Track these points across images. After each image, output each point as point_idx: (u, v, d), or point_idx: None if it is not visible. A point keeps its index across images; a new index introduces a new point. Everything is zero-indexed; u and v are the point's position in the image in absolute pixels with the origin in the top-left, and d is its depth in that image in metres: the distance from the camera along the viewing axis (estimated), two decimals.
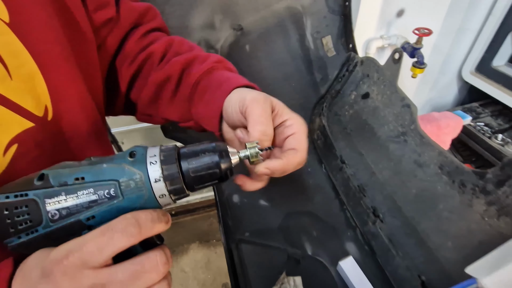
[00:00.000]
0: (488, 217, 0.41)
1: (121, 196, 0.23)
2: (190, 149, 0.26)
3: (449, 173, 0.46)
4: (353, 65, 0.66)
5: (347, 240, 0.51)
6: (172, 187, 0.24)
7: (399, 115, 0.55)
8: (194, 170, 0.25)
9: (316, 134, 0.67)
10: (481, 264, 0.30)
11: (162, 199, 0.24)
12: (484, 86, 0.93)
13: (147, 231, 0.23)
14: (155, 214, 0.24)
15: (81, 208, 0.23)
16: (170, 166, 0.24)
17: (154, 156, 0.24)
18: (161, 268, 0.23)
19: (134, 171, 0.24)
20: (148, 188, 0.24)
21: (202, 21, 0.68)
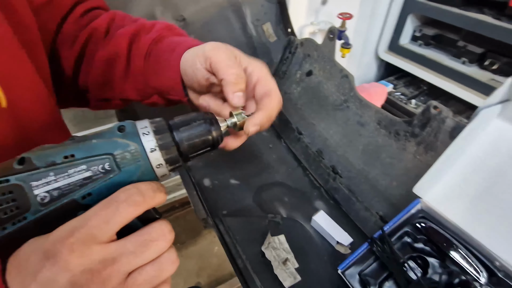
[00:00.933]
0: (419, 154, 0.51)
1: (118, 170, 0.23)
2: (180, 119, 0.27)
3: (385, 126, 0.55)
4: (294, 47, 0.73)
5: (315, 199, 0.56)
6: (168, 156, 0.24)
7: (340, 85, 0.63)
8: (187, 138, 0.26)
9: None
10: (423, 182, 0.38)
11: (159, 169, 0.24)
12: (396, 61, 1.11)
13: (149, 200, 0.23)
14: (154, 184, 0.24)
15: (75, 187, 0.22)
16: (164, 135, 0.24)
17: (146, 127, 0.24)
18: (168, 236, 0.23)
19: (128, 143, 0.23)
20: (145, 158, 0.23)
21: (142, 13, 0.66)
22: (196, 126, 0.26)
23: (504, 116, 0.35)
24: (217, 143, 0.28)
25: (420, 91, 1.15)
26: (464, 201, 0.37)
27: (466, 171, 0.37)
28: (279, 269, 0.40)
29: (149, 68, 0.37)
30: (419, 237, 0.40)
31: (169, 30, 0.39)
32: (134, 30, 0.38)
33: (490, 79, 0.90)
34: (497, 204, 0.34)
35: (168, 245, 0.24)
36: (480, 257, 0.35)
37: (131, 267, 0.21)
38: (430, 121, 0.48)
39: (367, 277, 0.40)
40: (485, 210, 0.35)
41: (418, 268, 0.41)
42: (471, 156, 0.37)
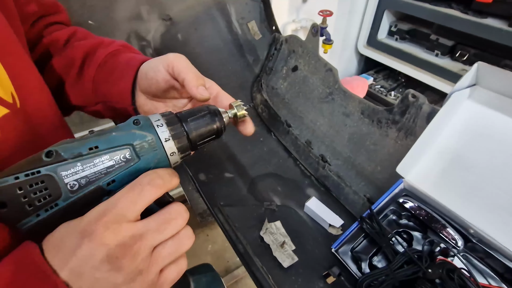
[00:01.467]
0: (400, 140, 0.55)
1: (137, 158, 0.25)
2: (187, 111, 0.29)
3: (368, 115, 0.59)
4: (279, 44, 0.76)
5: (306, 188, 0.59)
6: (180, 145, 0.27)
7: (325, 79, 0.66)
8: (195, 128, 0.28)
9: (260, 108, 0.74)
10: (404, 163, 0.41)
11: (173, 156, 0.27)
12: (374, 55, 1.16)
13: (168, 183, 0.25)
14: (169, 170, 0.27)
15: (100, 175, 0.24)
16: (175, 126, 0.27)
17: (159, 120, 0.27)
18: (184, 215, 0.26)
19: (145, 134, 0.26)
20: (160, 147, 0.26)
21: (128, 13, 0.66)
22: (202, 117, 0.29)
23: (473, 98, 0.39)
24: (221, 132, 0.31)
25: (398, 83, 1.21)
26: (441, 178, 0.41)
27: (441, 150, 0.41)
28: (277, 251, 0.42)
29: (101, 76, 0.39)
30: (403, 213, 0.44)
31: (127, 47, 0.42)
32: (93, 44, 0.40)
33: (461, 69, 0.97)
34: (470, 178, 0.38)
35: (184, 222, 0.26)
36: (457, 227, 0.39)
37: (156, 241, 0.24)
38: (409, 108, 0.52)
39: (359, 253, 0.43)
40: (459, 184, 0.39)
41: (404, 242, 0.45)
42: (445, 136, 0.41)
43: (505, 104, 0.35)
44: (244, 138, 0.69)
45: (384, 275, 0.39)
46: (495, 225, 0.36)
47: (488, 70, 0.34)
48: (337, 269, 0.42)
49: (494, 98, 0.36)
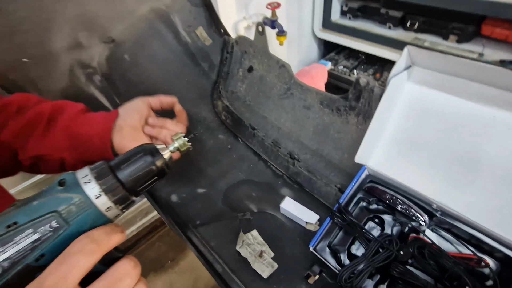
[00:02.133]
0: (360, 124, 0.55)
1: (67, 224, 0.23)
2: (120, 158, 0.27)
3: (327, 105, 0.59)
4: (230, 47, 0.74)
5: (280, 188, 0.60)
6: (116, 197, 0.25)
7: (280, 76, 0.66)
8: (130, 174, 0.26)
9: (223, 115, 0.73)
10: (361, 152, 0.42)
11: (110, 211, 0.25)
12: (331, 37, 1.17)
13: (105, 244, 0.23)
14: (107, 228, 0.24)
15: (25, 252, 0.22)
16: (106, 179, 0.25)
17: (86, 176, 0.24)
18: (133, 272, 0.24)
19: (71, 196, 0.23)
20: (92, 206, 0.24)
21: (66, 43, 0.63)
22: (137, 160, 0.27)
23: (412, 79, 0.39)
24: (163, 170, 0.28)
25: (359, 61, 1.23)
26: (398, 160, 0.41)
27: (394, 134, 0.42)
28: (256, 262, 0.42)
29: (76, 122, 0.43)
30: (371, 199, 0.45)
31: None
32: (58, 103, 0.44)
33: (414, 38, 0.99)
34: (423, 156, 0.39)
35: (134, 280, 0.24)
36: (421, 204, 0.40)
37: None
38: (362, 93, 0.52)
39: (336, 246, 0.44)
40: (415, 163, 0.40)
41: (377, 226, 0.46)
42: (394, 120, 0.42)
43: (442, 81, 0.36)
44: (212, 148, 0.68)
45: (361, 264, 0.39)
46: (452, 196, 0.37)
47: (418, 52, 0.34)
48: (318, 267, 0.43)
49: (431, 76, 0.37)
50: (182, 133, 0.33)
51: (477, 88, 0.33)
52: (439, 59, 0.32)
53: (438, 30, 0.95)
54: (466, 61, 0.30)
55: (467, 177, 0.36)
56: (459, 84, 0.34)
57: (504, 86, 0.30)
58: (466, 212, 0.36)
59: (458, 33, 0.90)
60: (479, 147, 0.34)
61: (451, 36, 0.92)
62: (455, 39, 0.91)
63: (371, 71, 1.17)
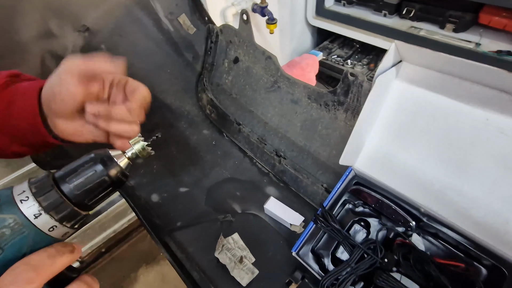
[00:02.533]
0: (348, 120, 0.53)
1: (0, 250, 0.20)
2: (67, 168, 0.24)
3: (315, 100, 0.56)
4: (215, 36, 0.70)
5: (265, 186, 0.57)
6: (60, 215, 0.22)
7: (266, 68, 0.62)
8: (79, 189, 0.23)
9: (208, 109, 0.69)
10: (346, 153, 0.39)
11: (54, 231, 0.22)
12: (325, 25, 1.12)
13: (46, 269, 0.21)
14: (52, 250, 0.22)
15: None
16: (47, 195, 0.22)
17: (23, 192, 0.22)
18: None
19: (4, 217, 0.20)
20: (30, 227, 0.21)
21: (35, 32, 0.58)
22: (86, 170, 0.24)
23: (401, 76, 0.36)
24: (119, 180, 0.25)
25: (353, 50, 1.19)
26: (385, 161, 0.39)
27: (381, 134, 0.39)
28: (235, 269, 0.40)
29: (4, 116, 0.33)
30: (356, 202, 0.43)
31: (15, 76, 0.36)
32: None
33: (409, 26, 0.95)
34: (411, 158, 0.37)
35: None
36: (408, 208, 0.38)
37: None
38: (351, 88, 0.49)
39: (320, 250, 0.42)
40: (403, 165, 0.38)
41: (363, 229, 0.44)
42: (382, 119, 0.39)
43: (432, 79, 0.33)
44: (196, 144, 0.65)
45: (345, 271, 0.38)
46: (441, 202, 0.35)
47: (407, 49, 0.31)
48: (300, 273, 0.41)
49: (420, 74, 0.34)
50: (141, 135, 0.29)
51: (470, 88, 0.30)
52: (429, 56, 0.29)
53: (435, 18, 0.91)
54: (458, 59, 0.27)
55: (457, 183, 0.34)
56: (451, 84, 0.31)
57: (498, 86, 0.28)
58: (455, 219, 0.34)
59: (455, 22, 0.86)
60: (470, 151, 0.32)
61: (447, 25, 0.88)
62: (451, 28, 0.88)
63: (366, 61, 1.13)
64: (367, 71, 1.09)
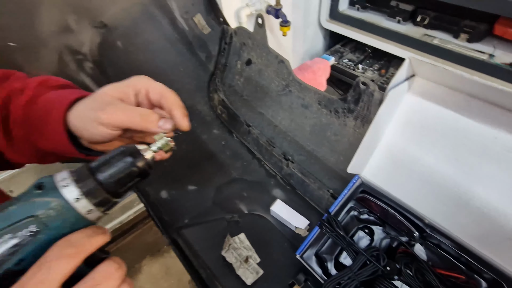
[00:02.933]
0: (358, 128, 0.53)
1: (46, 228, 0.23)
2: (100, 160, 0.26)
3: (326, 106, 0.57)
4: (229, 37, 0.71)
5: (272, 188, 0.58)
6: (97, 200, 0.25)
7: (279, 71, 0.63)
8: (110, 176, 0.26)
9: (219, 109, 0.71)
10: (355, 162, 0.40)
11: (91, 214, 0.25)
12: (338, 29, 1.12)
13: (85, 247, 0.23)
14: (89, 230, 0.24)
15: (4, 257, 0.21)
16: (86, 182, 0.24)
17: (65, 179, 0.24)
18: (116, 274, 0.24)
19: (49, 200, 0.23)
20: (71, 210, 0.24)
21: (53, 27, 0.60)
22: (117, 162, 0.26)
23: (413, 90, 0.37)
24: (145, 171, 0.28)
25: (365, 55, 1.18)
26: (392, 172, 0.40)
27: (389, 146, 0.40)
28: (241, 268, 0.42)
29: (32, 133, 0.34)
30: (361, 210, 0.44)
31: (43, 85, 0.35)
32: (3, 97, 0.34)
33: (423, 34, 0.95)
34: (417, 170, 0.38)
35: (117, 282, 0.24)
36: (412, 218, 0.39)
37: None
38: (361, 96, 0.50)
39: (324, 254, 0.43)
40: (409, 177, 0.38)
41: (367, 236, 0.45)
42: (391, 131, 0.40)
43: (443, 95, 0.33)
44: (206, 143, 0.67)
45: (347, 277, 0.39)
46: (445, 215, 0.35)
47: (420, 64, 0.32)
48: (303, 275, 0.42)
49: (432, 89, 0.34)
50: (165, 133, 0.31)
51: (480, 106, 0.31)
52: (442, 73, 0.30)
53: (449, 27, 0.91)
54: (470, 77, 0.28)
55: (462, 198, 0.34)
56: (462, 100, 0.32)
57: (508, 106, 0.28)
58: (458, 232, 0.35)
59: (469, 32, 0.86)
60: (477, 168, 0.33)
61: (462, 35, 0.87)
62: (465, 37, 0.87)
63: (377, 66, 1.13)
64: (378, 77, 1.09)
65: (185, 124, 0.33)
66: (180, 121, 0.32)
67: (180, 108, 0.33)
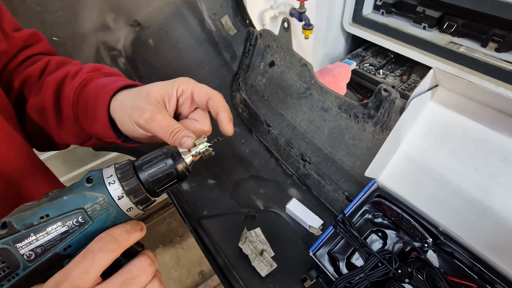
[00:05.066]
0: (376, 134, 0.54)
1: (91, 220, 0.25)
2: (144, 159, 0.28)
3: (345, 110, 0.58)
4: (254, 39, 0.73)
5: (288, 187, 0.60)
6: (137, 199, 0.26)
7: (301, 74, 0.65)
8: (152, 177, 0.27)
9: (240, 108, 0.73)
10: (373, 166, 0.42)
11: (131, 211, 0.26)
12: (361, 33, 1.12)
13: (124, 242, 0.25)
14: (128, 226, 0.26)
15: (55, 242, 0.24)
16: (129, 181, 0.26)
17: (111, 176, 0.26)
18: (148, 269, 0.26)
19: (96, 195, 0.25)
20: (114, 206, 0.25)
21: (93, 24, 0.64)
22: (159, 162, 0.27)
23: (435, 99, 0.38)
24: (184, 174, 0.29)
25: (387, 60, 1.17)
26: (409, 179, 0.41)
27: (408, 152, 0.41)
28: (256, 260, 0.44)
29: (79, 114, 0.36)
30: (376, 213, 0.45)
31: (95, 71, 0.38)
32: (59, 78, 0.37)
33: (449, 42, 0.93)
34: (436, 178, 0.38)
35: (149, 277, 0.26)
36: (426, 225, 0.40)
37: None
38: (383, 103, 0.51)
39: (336, 253, 0.45)
40: (426, 184, 0.39)
41: (380, 240, 0.46)
42: (411, 138, 0.41)
43: (465, 105, 0.34)
44: (227, 140, 0.69)
45: (358, 276, 0.40)
46: (459, 223, 0.36)
47: (444, 75, 0.33)
48: (315, 272, 0.44)
49: (455, 99, 0.35)
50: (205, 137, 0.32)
51: (503, 119, 0.31)
52: (466, 86, 0.31)
53: (477, 35, 0.89)
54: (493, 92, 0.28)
55: (478, 207, 0.35)
56: (484, 113, 0.32)
57: None
58: (472, 241, 0.35)
59: (498, 41, 0.84)
60: (494, 179, 0.33)
61: (490, 44, 0.85)
62: (494, 47, 0.85)
63: (399, 72, 1.12)
64: (399, 83, 1.08)
65: (229, 129, 0.34)
66: (225, 126, 0.33)
67: (227, 112, 0.33)
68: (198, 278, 1.38)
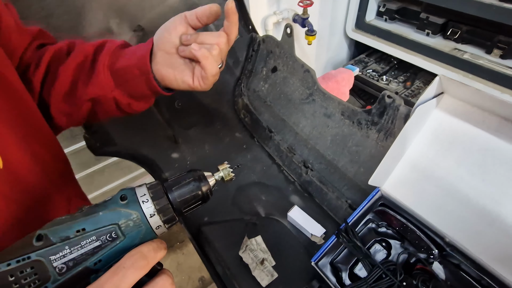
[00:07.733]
0: (380, 141, 0.53)
1: (123, 236, 0.26)
2: (174, 181, 0.29)
3: (349, 117, 0.58)
4: (257, 45, 0.73)
5: (290, 194, 0.59)
6: (166, 217, 0.27)
7: (304, 80, 0.64)
8: (179, 196, 0.28)
9: (242, 113, 0.73)
10: (377, 174, 0.41)
11: (158, 229, 0.27)
12: (364, 39, 1.12)
13: (152, 260, 0.26)
14: (155, 244, 0.27)
15: (87, 256, 0.25)
16: (160, 200, 0.27)
17: (144, 195, 0.27)
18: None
19: (131, 212, 0.26)
20: (146, 223, 0.26)
21: (97, 28, 0.65)
22: (187, 184, 0.29)
23: (441, 107, 0.37)
24: (207, 196, 0.31)
25: (390, 66, 1.17)
26: (414, 188, 0.40)
27: (413, 161, 0.40)
28: (257, 270, 0.43)
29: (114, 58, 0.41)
30: (380, 223, 0.44)
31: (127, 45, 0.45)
32: (101, 41, 0.43)
33: (453, 48, 0.93)
34: (441, 187, 0.37)
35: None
36: (432, 236, 0.39)
37: None
38: (386, 110, 0.50)
39: (339, 263, 0.44)
40: (432, 193, 0.38)
41: (383, 250, 0.45)
42: (416, 146, 0.40)
43: (472, 113, 0.33)
44: (228, 146, 0.69)
45: None
46: (467, 234, 0.35)
47: (450, 83, 0.32)
48: (317, 282, 0.43)
49: (461, 107, 0.34)
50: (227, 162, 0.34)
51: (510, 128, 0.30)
52: (472, 93, 0.30)
53: (482, 42, 0.88)
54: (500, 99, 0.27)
55: (486, 218, 0.34)
56: (491, 121, 0.32)
57: None
58: (480, 253, 0.34)
59: (503, 48, 0.83)
60: (503, 190, 0.32)
61: (495, 50, 0.85)
62: (499, 53, 0.85)
63: (402, 78, 1.11)
64: (402, 89, 1.07)
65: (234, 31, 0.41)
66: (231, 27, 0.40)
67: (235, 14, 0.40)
68: (198, 284, 1.36)
